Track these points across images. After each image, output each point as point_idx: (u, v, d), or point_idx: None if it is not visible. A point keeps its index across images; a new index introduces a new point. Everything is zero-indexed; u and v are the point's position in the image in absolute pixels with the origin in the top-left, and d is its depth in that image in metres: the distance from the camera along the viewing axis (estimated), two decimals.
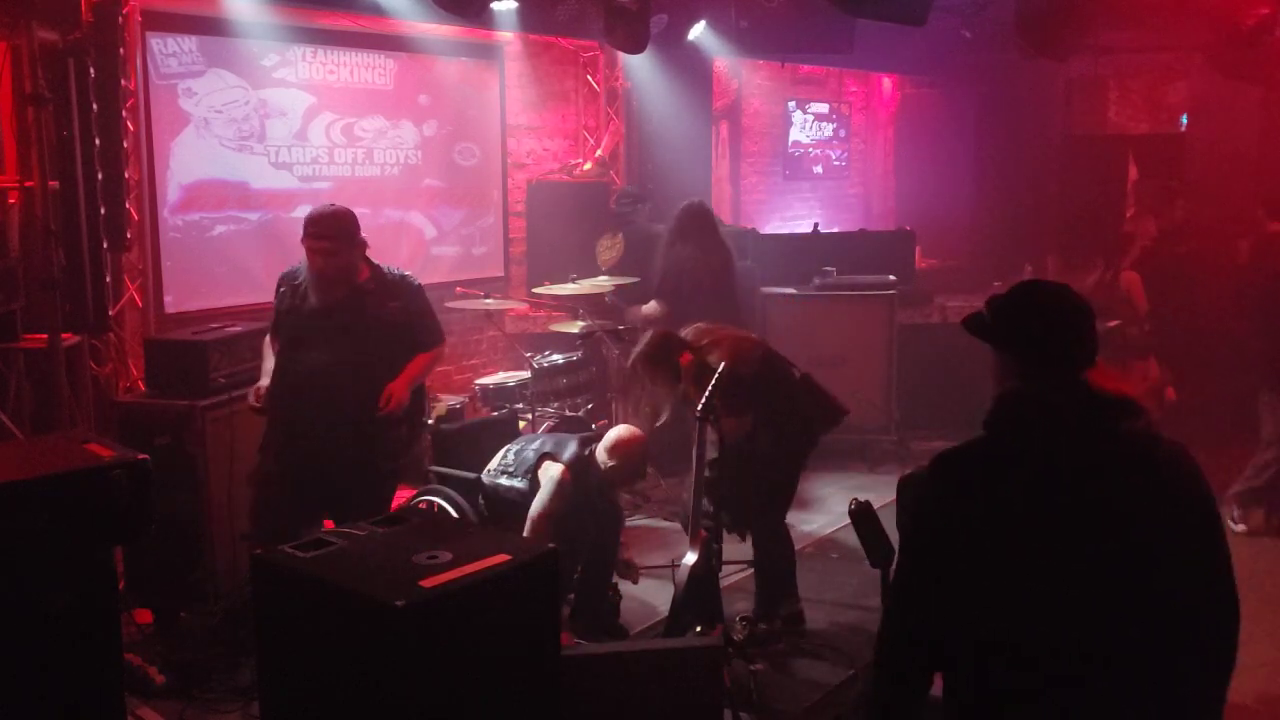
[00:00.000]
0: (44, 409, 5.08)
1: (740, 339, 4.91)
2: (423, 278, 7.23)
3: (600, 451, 4.74)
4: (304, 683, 3.19)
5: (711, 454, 4.58)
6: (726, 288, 6.85)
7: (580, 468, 4.71)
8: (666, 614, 4.44)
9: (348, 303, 4.51)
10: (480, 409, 6.49)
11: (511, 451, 5.01)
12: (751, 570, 5.76)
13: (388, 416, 4.50)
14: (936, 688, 2.91)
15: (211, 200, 6.18)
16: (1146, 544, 2.10)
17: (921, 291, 8.74)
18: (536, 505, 4.63)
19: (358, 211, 6.80)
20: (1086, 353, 2.22)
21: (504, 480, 4.92)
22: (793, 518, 6.69)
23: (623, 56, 7.98)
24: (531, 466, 4.79)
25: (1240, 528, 6.17)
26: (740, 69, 10.21)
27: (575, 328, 6.72)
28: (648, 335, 4.89)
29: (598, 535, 4.88)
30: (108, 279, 5.27)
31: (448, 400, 6.46)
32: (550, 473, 4.67)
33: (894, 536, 3.97)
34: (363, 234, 4.61)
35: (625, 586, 5.07)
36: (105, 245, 5.19)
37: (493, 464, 5.06)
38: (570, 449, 4.78)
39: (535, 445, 4.91)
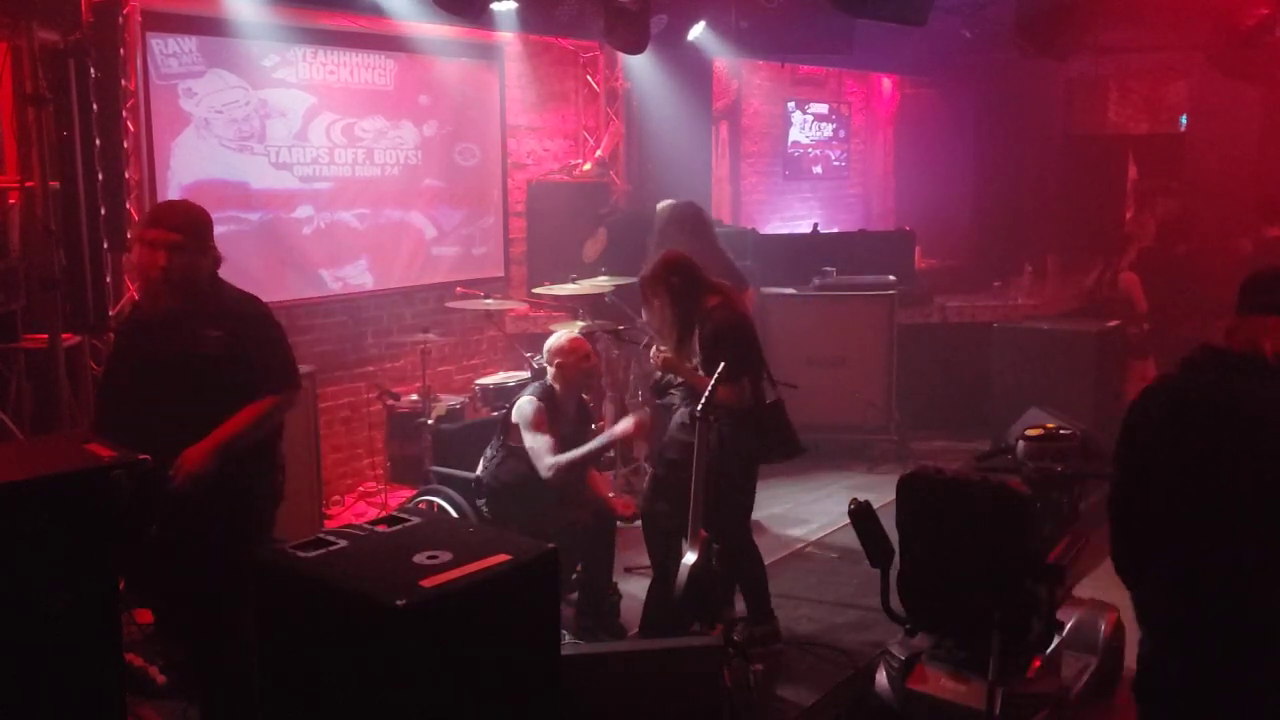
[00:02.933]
0: (44, 409, 5.08)
1: (740, 302, 4.85)
2: (423, 278, 7.35)
3: (548, 359, 4.99)
4: (304, 683, 3.19)
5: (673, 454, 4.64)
6: None
7: (546, 394, 4.92)
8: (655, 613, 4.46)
9: (169, 323, 3.69)
10: (480, 409, 6.49)
11: (491, 445, 5.09)
12: None
13: (182, 490, 3.55)
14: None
15: (212, 200, 6.12)
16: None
17: (921, 291, 8.74)
18: (537, 450, 4.78)
19: (358, 212, 6.93)
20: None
21: (494, 465, 4.99)
22: (793, 517, 6.74)
23: (623, 56, 7.98)
24: (503, 424, 4.97)
25: None
26: (740, 69, 10.20)
27: (575, 328, 6.71)
28: (660, 254, 4.87)
29: (593, 535, 4.88)
30: (108, 279, 5.26)
31: (448, 400, 6.46)
32: (525, 410, 4.86)
33: (894, 536, 4.00)
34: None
35: (625, 586, 5.07)
36: (105, 245, 5.18)
37: (479, 468, 5.13)
38: (530, 387, 5.04)
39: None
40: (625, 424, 4.92)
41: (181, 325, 3.65)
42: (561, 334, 5.13)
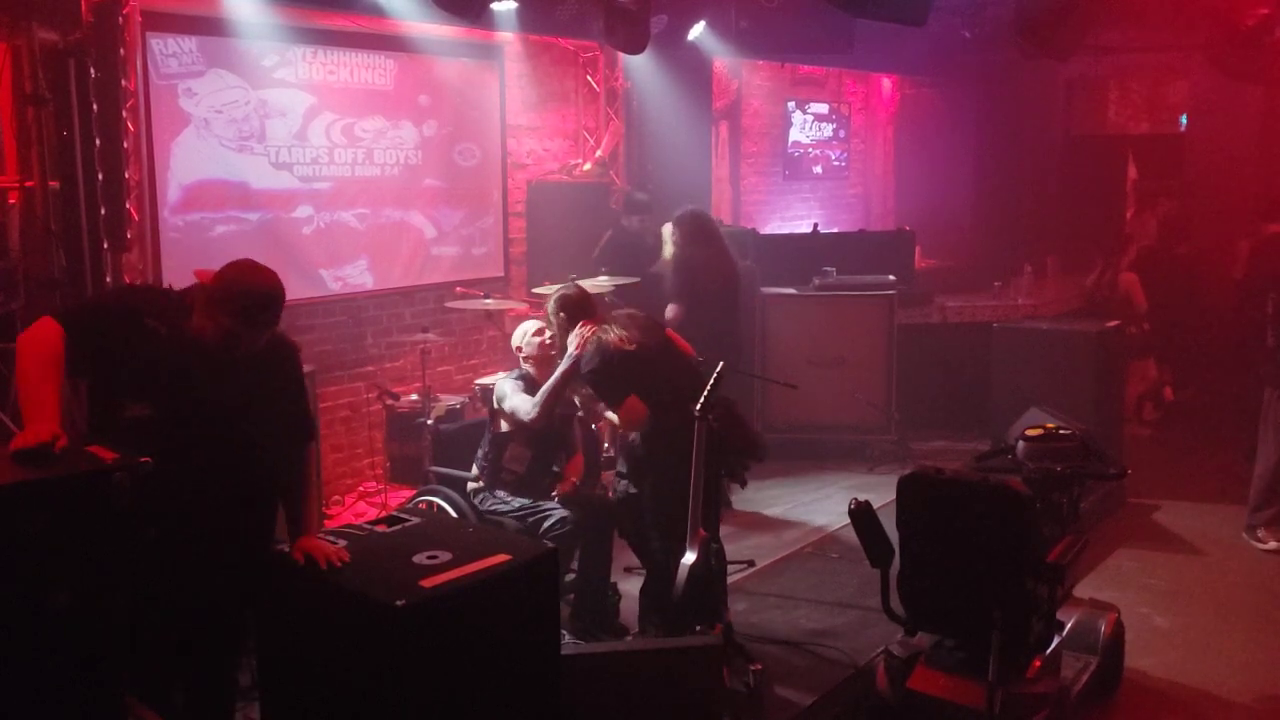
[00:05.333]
0: None
1: (644, 330, 4.75)
2: (423, 278, 7.35)
3: (519, 345, 5.19)
4: (304, 683, 3.19)
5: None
6: (734, 291, 6.90)
7: (524, 380, 5.08)
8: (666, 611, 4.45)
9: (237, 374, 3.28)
10: (480, 409, 6.48)
11: (480, 448, 5.15)
12: (749, 570, 5.78)
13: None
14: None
15: (212, 200, 6.18)
16: None
17: (921, 291, 8.74)
18: (518, 407, 4.93)
19: (357, 212, 6.93)
20: None
21: (490, 460, 5.10)
22: (793, 517, 6.74)
23: (623, 56, 7.98)
24: (490, 419, 5.12)
25: (1271, 545, 6.20)
26: (740, 69, 10.20)
27: (532, 322, 6.71)
28: (567, 284, 5.01)
29: (592, 535, 4.88)
30: (108, 279, 5.26)
31: (447, 400, 6.46)
32: (502, 386, 5.06)
33: (894, 536, 4.00)
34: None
35: (625, 586, 5.07)
36: (105, 245, 5.19)
37: (474, 470, 5.15)
38: (509, 373, 5.22)
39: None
40: (574, 339, 4.74)
41: (250, 375, 3.32)
42: (519, 327, 5.29)
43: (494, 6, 6.49)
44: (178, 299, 3.32)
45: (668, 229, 7.46)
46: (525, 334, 5.21)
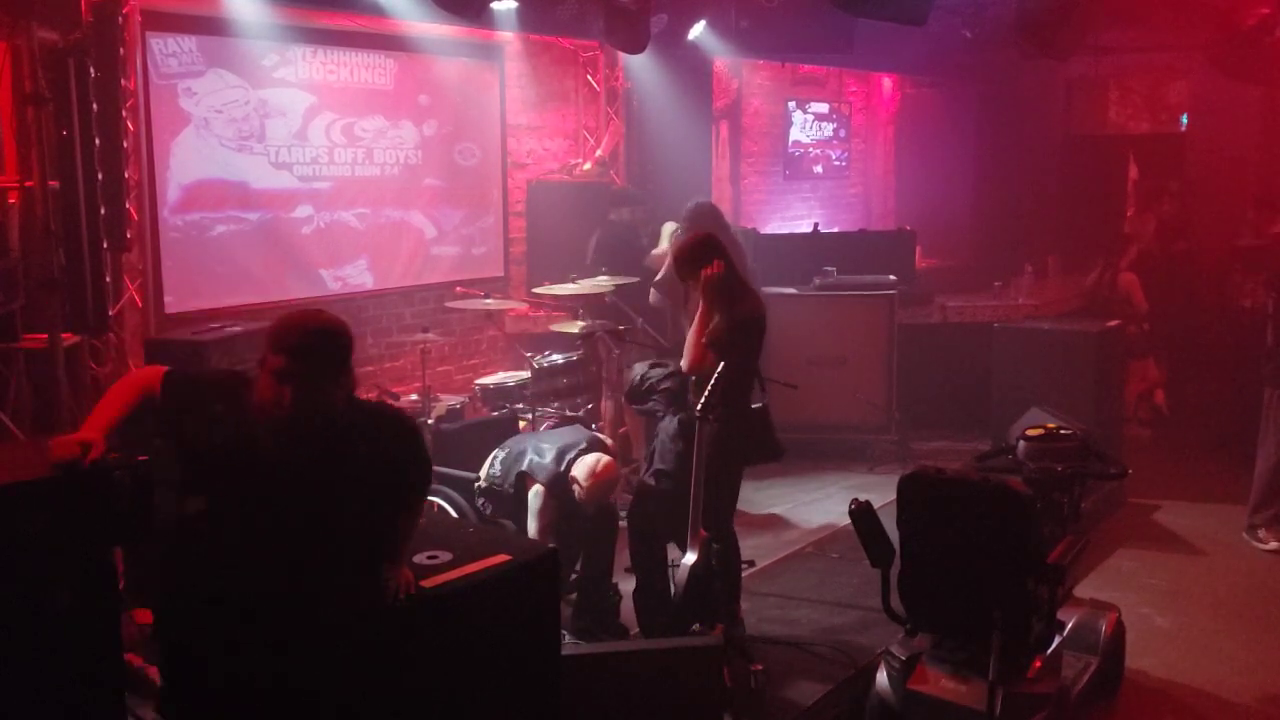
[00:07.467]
0: (44, 409, 5.08)
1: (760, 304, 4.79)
2: (422, 278, 7.35)
3: (577, 475, 4.72)
4: (304, 683, 3.19)
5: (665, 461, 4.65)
6: None
7: (558, 485, 4.75)
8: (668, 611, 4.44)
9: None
10: (480, 409, 6.49)
11: (497, 460, 5.05)
12: (749, 570, 5.78)
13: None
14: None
15: (211, 200, 6.18)
16: None
17: (922, 291, 8.74)
18: (530, 530, 4.76)
19: (357, 212, 6.93)
20: None
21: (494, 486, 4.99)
22: (793, 517, 6.74)
23: (623, 56, 7.98)
24: (515, 485, 4.87)
25: (1272, 545, 6.21)
26: (740, 69, 10.20)
27: (575, 328, 6.71)
28: (691, 234, 4.89)
29: (593, 535, 4.88)
30: (108, 279, 5.26)
31: (448, 400, 6.46)
32: (533, 501, 4.79)
33: (894, 536, 4.00)
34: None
35: (625, 586, 5.07)
36: (105, 245, 5.18)
37: (482, 474, 5.10)
38: (547, 469, 4.77)
39: (514, 455, 4.94)
40: None
41: (334, 443, 2.93)
42: (596, 462, 4.77)
43: (494, 6, 6.49)
44: (242, 376, 2.98)
45: (669, 226, 7.45)
46: (591, 468, 4.75)
